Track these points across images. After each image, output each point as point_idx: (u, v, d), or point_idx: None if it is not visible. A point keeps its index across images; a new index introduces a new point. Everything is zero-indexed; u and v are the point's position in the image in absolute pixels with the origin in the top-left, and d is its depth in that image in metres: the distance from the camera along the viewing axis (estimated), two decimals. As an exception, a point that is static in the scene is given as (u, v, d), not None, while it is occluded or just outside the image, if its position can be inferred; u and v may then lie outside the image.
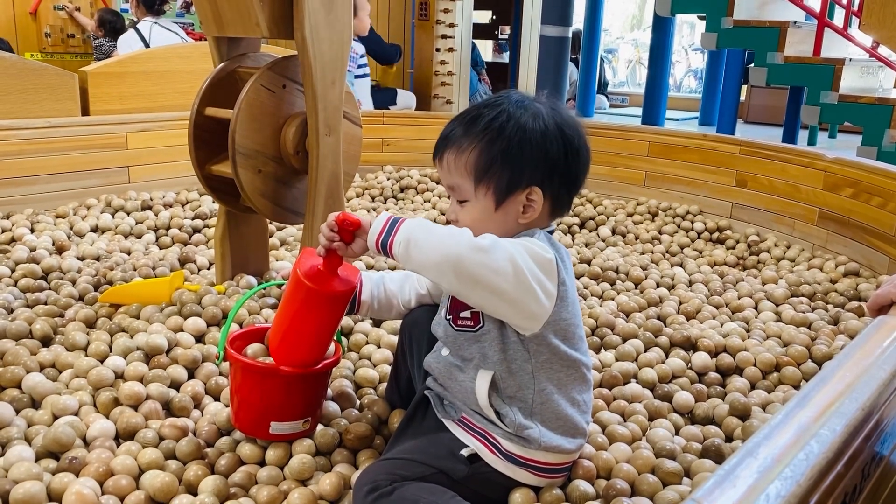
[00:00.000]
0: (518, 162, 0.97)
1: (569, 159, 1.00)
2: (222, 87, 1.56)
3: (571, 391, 1.01)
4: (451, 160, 1.00)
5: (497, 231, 0.97)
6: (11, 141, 2.25)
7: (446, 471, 0.96)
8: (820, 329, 1.67)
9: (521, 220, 1.00)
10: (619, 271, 2.07)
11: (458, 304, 1.01)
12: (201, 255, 2.02)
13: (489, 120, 0.98)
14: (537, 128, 0.98)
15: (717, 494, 0.51)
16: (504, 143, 0.97)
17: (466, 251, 0.88)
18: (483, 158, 0.98)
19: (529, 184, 0.98)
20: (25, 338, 1.43)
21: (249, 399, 1.09)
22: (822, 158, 2.32)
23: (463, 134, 0.99)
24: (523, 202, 0.99)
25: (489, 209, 0.99)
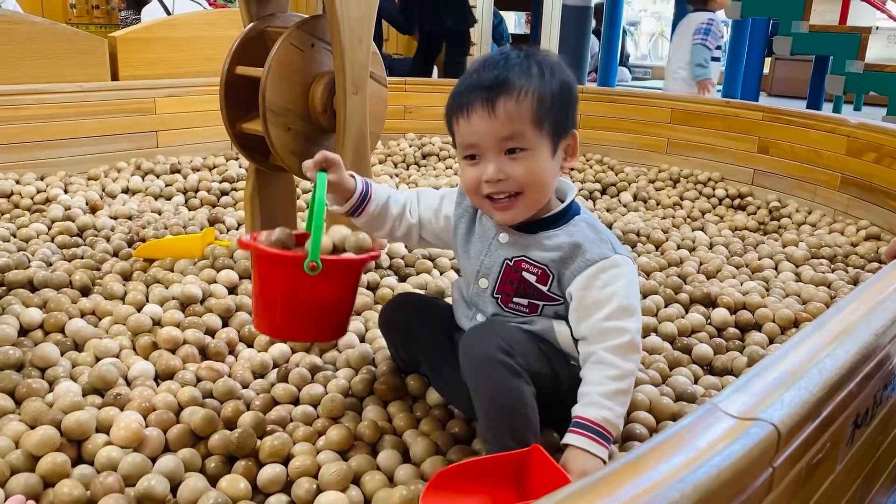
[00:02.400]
0: (567, 106, 0.99)
1: (575, 105, 1.03)
2: (252, 47, 1.60)
3: None
4: (510, 106, 0.95)
5: (551, 180, 1.00)
6: (45, 104, 2.30)
7: (560, 377, 1.00)
8: (839, 289, 1.69)
9: (566, 165, 1.02)
10: (640, 234, 2.09)
11: (512, 287, 1.02)
12: (230, 217, 2.07)
13: (537, 69, 0.97)
14: (568, 78, 1.00)
15: (734, 399, 0.54)
16: (557, 88, 0.97)
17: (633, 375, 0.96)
18: (542, 105, 0.96)
19: (573, 126, 1.02)
20: (66, 287, 1.49)
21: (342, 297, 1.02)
22: (845, 123, 2.32)
23: (513, 80, 0.95)
24: (569, 146, 1.01)
25: (547, 156, 0.98)
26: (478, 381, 0.95)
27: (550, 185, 1.01)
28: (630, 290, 0.98)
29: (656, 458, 0.49)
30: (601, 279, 0.97)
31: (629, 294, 0.97)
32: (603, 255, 0.98)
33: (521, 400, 0.92)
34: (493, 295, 1.04)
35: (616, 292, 0.96)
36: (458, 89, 1.00)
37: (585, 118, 3.01)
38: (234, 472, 0.99)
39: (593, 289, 0.97)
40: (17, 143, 2.27)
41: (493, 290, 1.04)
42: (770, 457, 0.53)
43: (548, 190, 1.01)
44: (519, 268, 1.02)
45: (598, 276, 0.97)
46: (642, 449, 0.50)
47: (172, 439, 1.04)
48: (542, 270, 1.00)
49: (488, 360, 0.93)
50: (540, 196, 1.00)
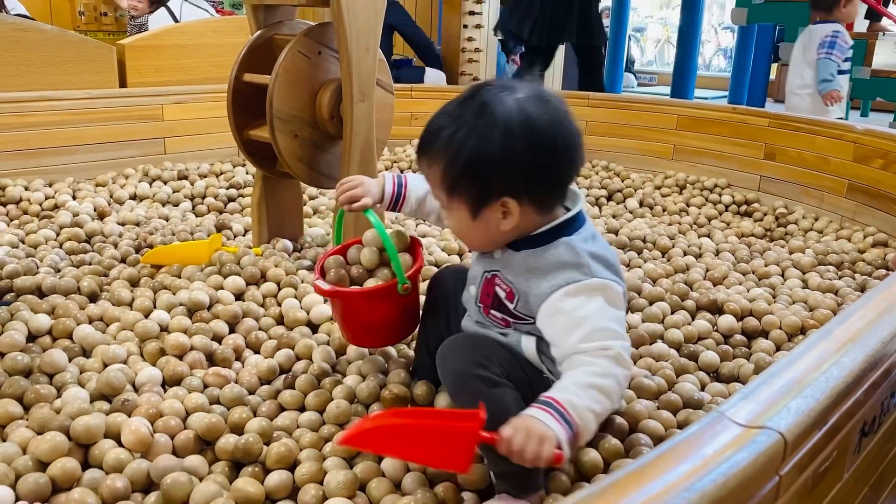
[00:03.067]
0: (482, 177, 0.94)
1: (541, 162, 0.94)
2: (260, 54, 1.61)
3: None
4: (424, 168, 1.00)
5: (482, 236, 1.00)
6: (54, 111, 2.32)
7: (533, 386, 0.97)
8: (847, 295, 1.68)
9: (503, 227, 0.97)
10: (647, 240, 2.09)
11: (489, 300, 1.03)
12: (236, 223, 2.08)
13: (450, 134, 0.95)
14: (497, 140, 0.92)
15: (741, 407, 0.54)
16: (465, 159, 0.93)
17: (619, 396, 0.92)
18: (449, 174, 0.95)
19: (500, 196, 0.94)
20: (74, 293, 1.50)
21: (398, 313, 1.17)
22: (852, 130, 2.32)
23: (430, 146, 0.97)
24: (500, 211, 0.96)
25: (467, 220, 0.98)
26: (456, 396, 0.98)
27: (484, 239, 1.00)
28: (606, 312, 0.93)
29: (663, 466, 0.49)
30: (569, 303, 0.94)
31: (606, 317, 0.93)
32: (572, 280, 0.94)
33: (503, 407, 0.91)
34: (477, 303, 1.06)
35: (588, 315, 0.92)
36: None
37: (591, 124, 3.01)
38: (242, 477, 1.00)
39: (562, 314, 0.94)
40: (27, 149, 2.29)
41: (477, 299, 1.06)
42: (777, 465, 0.53)
43: (482, 242, 1.02)
44: (493, 282, 1.03)
45: (565, 301, 0.94)
46: (649, 457, 0.50)
47: (180, 445, 1.05)
48: (510, 289, 1.00)
49: (464, 375, 0.95)
50: (472, 244, 1.05)
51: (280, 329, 1.41)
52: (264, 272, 1.57)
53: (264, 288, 1.52)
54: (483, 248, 1.04)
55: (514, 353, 1.01)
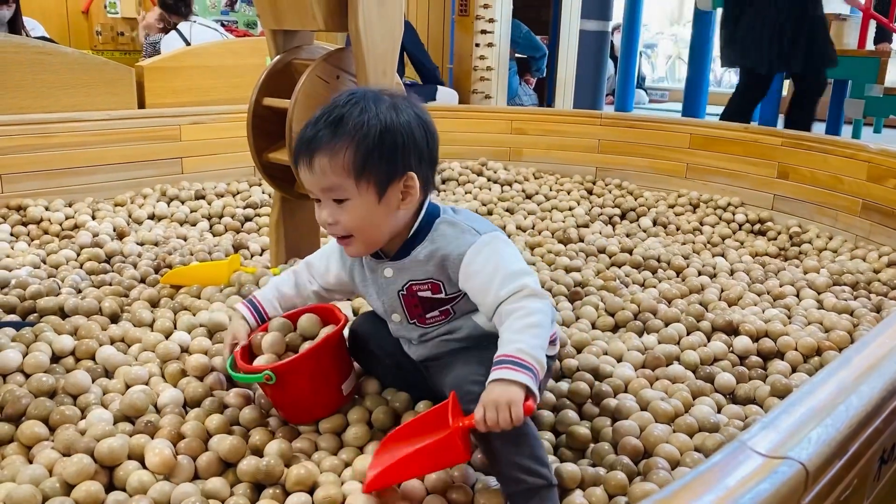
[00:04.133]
0: (393, 152, 1.01)
1: (430, 143, 1.06)
2: (279, 79, 1.64)
3: None
4: (324, 163, 1.01)
5: (383, 222, 1.04)
6: (74, 132, 2.36)
7: None
8: (862, 316, 1.68)
9: (402, 206, 1.04)
10: (661, 260, 2.10)
11: (419, 309, 1.10)
12: (254, 242, 2.10)
13: (356, 118, 1.01)
14: (401, 118, 1.02)
15: (762, 437, 0.55)
16: (376, 136, 1.00)
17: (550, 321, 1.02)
18: (360, 155, 1.00)
19: (405, 171, 1.03)
20: (96, 314, 1.52)
21: (322, 383, 1.16)
22: (865, 149, 2.32)
23: (333, 135, 1.01)
24: (401, 189, 1.03)
25: (372, 203, 1.02)
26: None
27: (383, 226, 1.05)
28: (507, 258, 1.03)
29: (686, 496, 0.50)
30: (477, 263, 1.03)
31: (509, 261, 1.03)
32: (469, 244, 1.04)
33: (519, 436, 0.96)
34: (409, 322, 1.13)
35: (497, 265, 1.02)
36: (297, 139, 1.06)
37: (604, 143, 3.03)
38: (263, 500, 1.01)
39: (476, 275, 1.03)
40: (48, 170, 2.33)
41: (407, 319, 1.13)
42: (799, 495, 0.54)
43: (381, 230, 1.06)
44: (412, 291, 1.10)
45: (474, 262, 1.04)
46: (672, 487, 0.51)
47: (202, 467, 1.06)
48: (430, 283, 1.08)
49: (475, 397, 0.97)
50: (375, 236, 1.07)
51: (298, 350, 1.42)
52: (282, 293, 1.59)
53: (282, 309, 1.54)
54: (378, 240, 1.07)
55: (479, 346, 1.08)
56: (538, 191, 2.88)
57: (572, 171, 3.08)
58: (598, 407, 1.27)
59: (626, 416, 1.22)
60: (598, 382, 1.33)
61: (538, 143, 3.15)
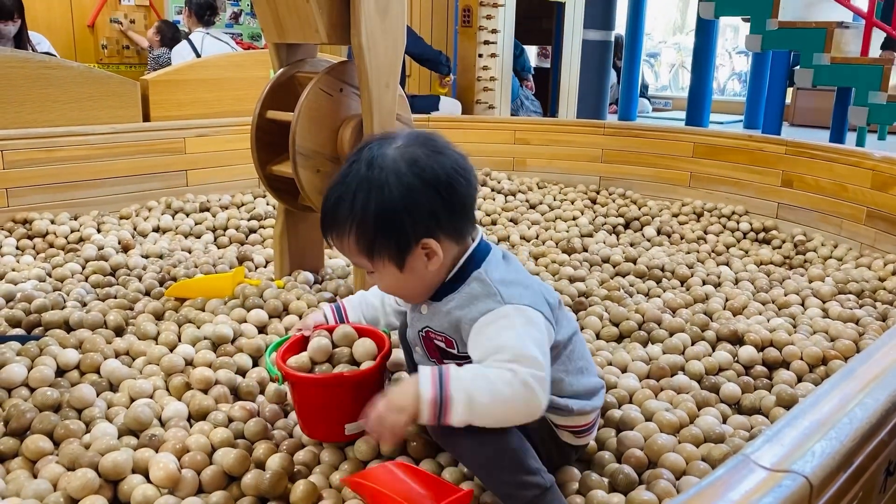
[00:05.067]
0: (396, 229, 0.97)
1: (445, 198, 0.98)
2: (282, 92, 1.64)
3: (574, 362, 1.07)
4: (338, 244, 1.02)
5: (415, 286, 1.02)
6: (80, 146, 2.37)
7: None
8: (868, 325, 1.68)
9: (430, 267, 1.00)
10: (665, 269, 2.09)
11: (436, 353, 1.07)
12: (258, 254, 2.11)
13: (350, 202, 0.97)
14: (397, 190, 0.96)
15: (766, 450, 0.55)
16: (373, 220, 0.96)
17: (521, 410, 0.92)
18: (363, 240, 0.98)
19: (418, 239, 0.97)
20: (100, 328, 1.52)
21: (320, 410, 1.12)
22: (869, 157, 2.32)
23: (334, 221, 1.00)
24: (423, 255, 0.99)
25: (396, 275, 1.00)
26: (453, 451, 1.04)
27: (418, 288, 1.03)
28: (522, 338, 0.93)
29: (690, 510, 0.49)
30: (486, 334, 0.95)
31: (522, 343, 0.93)
32: (487, 309, 0.96)
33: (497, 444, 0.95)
34: (430, 359, 1.10)
35: (505, 343, 0.93)
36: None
37: (607, 152, 3.04)
38: (267, 514, 1.01)
39: (480, 346, 0.96)
40: (53, 183, 2.34)
41: (427, 356, 1.10)
42: (803, 508, 0.53)
43: (417, 291, 1.04)
44: (430, 337, 1.07)
45: (483, 332, 0.96)
46: (677, 501, 0.51)
47: (206, 481, 1.06)
48: (445, 337, 1.04)
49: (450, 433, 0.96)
50: (409, 296, 1.07)
51: (303, 362, 1.42)
52: (287, 305, 1.59)
53: (287, 321, 1.54)
54: (421, 296, 1.06)
55: None
56: (542, 201, 2.88)
57: (576, 181, 3.08)
58: (602, 418, 1.27)
59: (631, 427, 1.21)
60: (602, 393, 1.32)
61: (542, 152, 3.15)
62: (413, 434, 1.15)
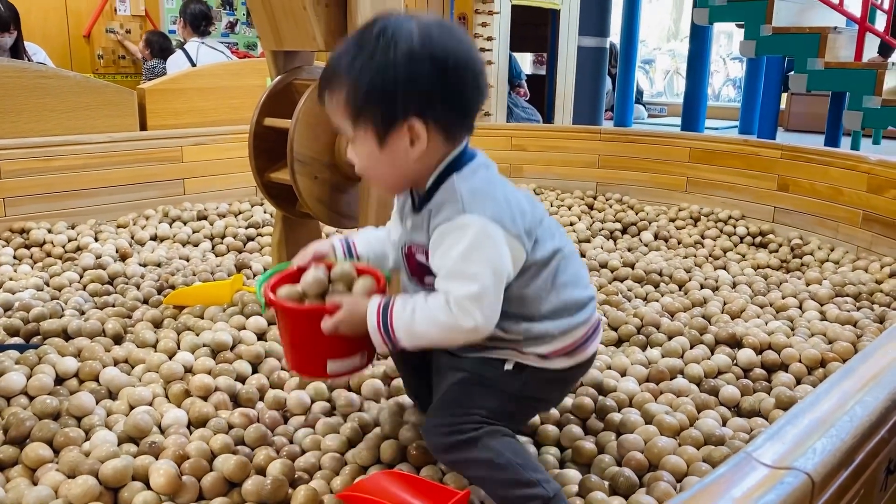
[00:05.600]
0: (387, 96, 0.92)
1: (447, 83, 0.94)
2: (280, 99, 1.65)
3: (558, 277, 1.02)
4: (329, 101, 0.98)
5: (390, 170, 0.98)
6: (77, 155, 2.37)
7: (508, 391, 1.02)
8: (865, 327, 1.68)
9: (411, 154, 0.96)
10: (663, 274, 2.10)
11: (419, 271, 1.02)
12: (256, 262, 2.10)
13: (351, 59, 0.94)
14: (401, 56, 0.92)
15: (767, 448, 0.55)
16: (369, 78, 0.92)
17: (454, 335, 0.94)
18: (354, 97, 0.94)
19: (406, 116, 0.94)
20: (99, 336, 1.52)
21: (302, 343, 1.05)
22: (865, 161, 2.33)
23: (333, 74, 0.96)
24: (407, 136, 0.95)
25: (374, 149, 0.96)
26: (452, 467, 1.05)
27: (393, 174, 0.99)
28: (466, 257, 0.91)
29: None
30: (441, 247, 0.94)
31: (465, 259, 0.91)
32: (447, 218, 0.94)
33: (492, 460, 0.95)
34: (411, 279, 1.06)
35: (452, 257, 0.92)
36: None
37: (604, 158, 3.04)
38: (268, 520, 1.01)
39: (435, 258, 0.95)
40: (50, 192, 2.34)
41: (409, 275, 1.06)
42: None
43: (391, 178, 1.00)
44: (411, 253, 1.03)
45: (439, 244, 0.94)
46: (678, 500, 0.51)
47: (207, 487, 1.06)
48: (424, 250, 0.99)
49: (442, 449, 0.99)
50: (387, 181, 1.01)
51: (302, 369, 1.42)
52: (285, 312, 1.59)
53: (286, 328, 1.54)
54: (393, 185, 1.02)
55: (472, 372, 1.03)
56: (539, 206, 2.88)
57: (573, 187, 3.09)
58: (602, 422, 1.27)
59: (631, 431, 1.22)
60: (602, 397, 1.32)
61: (538, 159, 3.16)
62: (414, 442, 1.15)
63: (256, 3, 1.59)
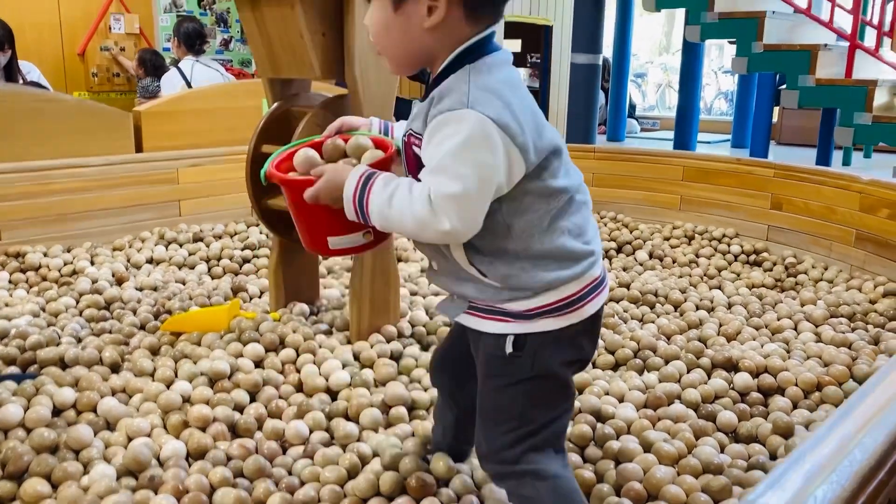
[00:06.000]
0: None
1: None
2: (277, 126, 1.65)
3: (557, 220, 0.94)
4: None
5: (402, 38, 0.92)
6: (73, 178, 2.37)
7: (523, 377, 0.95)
8: (860, 349, 1.69)
9: (426, 23, 0.90)
10: (659, 294, 2.11)
11: (413, 165, 0.97)
12: (252, 285, 2.10)
13: None
14: None
15: (769, 496, 0.56)
16: None
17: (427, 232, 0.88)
18: None
19: None
20: (96, 364, 1.52)
21: (300, 216, 1.03)
22: (857, 181, 2.35)
23: None
24: (426, 2, 0.89)
25: (387, 11, 0.91)
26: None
27: (403, 44, 0.93)
28: (458, 150, 0.86)
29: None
30: (434, 138, 0.88)
31: (454, 155, 0.86)
32: (448, 108, 0.87)
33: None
34: (407, 175, 0.98)
35: (443, 150, 0.86)
36: None
37: (598, 176, 3.06)
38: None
39: (431, 142, 0.89)
40: (46, 216, 2.34)
41: (406, 171, 0.99)
42: (807, 553, 0.54)
43: (402, 48, 0.94)
44: (410, 143, 0.96)
45: (433, 134, 0.88)
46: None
47: (206, 522, 1.06)
48: (421, 139, 0.92)
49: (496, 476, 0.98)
50: (397, 52, 0.95)
51: (300, 397, 1.43)
52: (283, 338, 1.59)
53: (283, 354, 1.54)
54: (402, 59, 0.96)
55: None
56: (534, 225, 2.89)
57: (567, 205, 3.09)
58: (601, 449, 1.27)
59: (630, 459, 1.22)
60: (600, 424, 1.33)
61: (533, 177, 3.16)
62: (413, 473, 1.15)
63: (254, 32, 1.60)
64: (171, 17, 5.89)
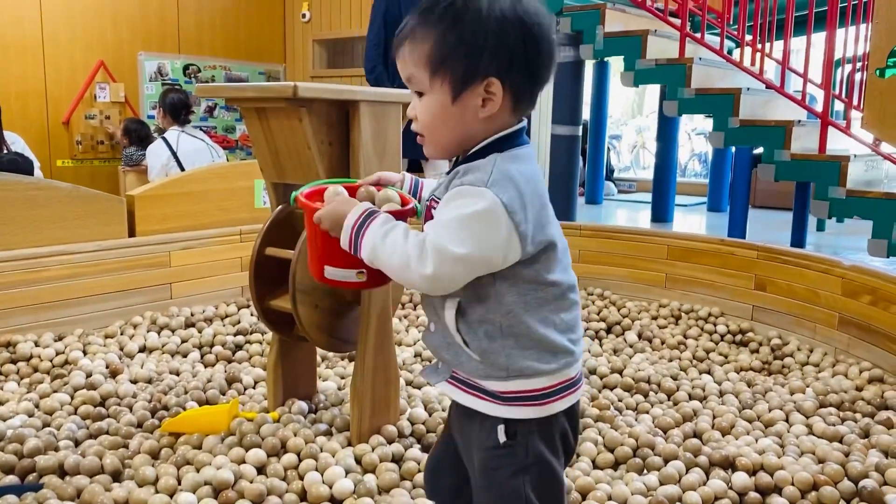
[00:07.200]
0: (474, 51, 0.95)
1: (528, 50, 0.96)
2: (281, 228, 1.68)
3: (545, 311, 0.99)
4: (407, 51, 0.99)
5: (455, 127, 0.98)
6: (65, 265, 2.37)
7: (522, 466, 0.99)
8: (852, 443, 1.73)
9: (481, 114, 0.97)
10: (651, 382, 2.14)
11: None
12: (246, 374, 2.10)
13: (444, 7, 0.96)
14: (494, 15, 0.95)
15: None
16: (459, 31, 0.95)
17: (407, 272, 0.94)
18: (438, 48, 0.96)
19: (487, 74, 0.95)
20: (98, 474, 1.50)
21: (310, 240, 1.14)
22: (839, 266, 2.41)
23: (418, 24, 0.98)
24: (482, 95, 0.97)
25: (446, 102, 0.97)
26: None
27: (454, 131, 0.99)
28: (462, 222, 0.92)
29: None
30: (448, 206, 0.94)
31: (457, 225, 0.92)
32: (469, 182, 0.94)
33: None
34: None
35: (450, 217, 0.93)
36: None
37: (584, 253, 3.11)
38: None
39: (444, 209, 0.95)
40: (37, 304, 2.33)
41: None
42: None
43: (452, 135, 1.00)
44: (431, 206, 1.02)
45: (448, 203, 0.95)
46: None
47: None
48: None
49: None
50: (445, 139, 1.01)
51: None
52: (284, 442, 1.59)
53: (285, 460, 1.54)
54: (448, 145, 1.02)
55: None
56: (523, 304, 2.92)
57: (555, 282, 3.13)
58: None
59: (639, 574, 1.23)
60: (606, 534, 1.34)
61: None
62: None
63: (260, 140, 1.64)
64: (156, 85, 5.95)
